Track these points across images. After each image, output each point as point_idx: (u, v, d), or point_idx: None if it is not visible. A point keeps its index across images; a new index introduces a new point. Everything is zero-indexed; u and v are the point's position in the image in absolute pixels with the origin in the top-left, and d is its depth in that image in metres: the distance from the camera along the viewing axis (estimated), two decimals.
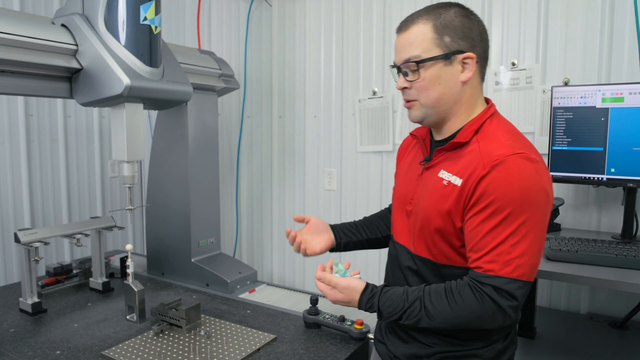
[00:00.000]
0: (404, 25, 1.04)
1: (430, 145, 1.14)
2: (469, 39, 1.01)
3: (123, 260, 2.02)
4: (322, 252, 1.31)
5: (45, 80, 1.44)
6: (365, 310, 1.07)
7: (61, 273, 1.92)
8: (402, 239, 1.14)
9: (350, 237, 1.34)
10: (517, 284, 0.91)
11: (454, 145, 1.03)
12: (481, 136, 1.01)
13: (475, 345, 1.04)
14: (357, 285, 1.08)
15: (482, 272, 0.93)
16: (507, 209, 0.91)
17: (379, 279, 1.29)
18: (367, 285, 1.08)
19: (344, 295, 1.09)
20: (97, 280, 1.83)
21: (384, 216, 1.39)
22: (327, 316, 1.50)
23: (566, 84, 1.67)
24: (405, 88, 1.05)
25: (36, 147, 2.29)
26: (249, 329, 1.49)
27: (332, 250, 1.34)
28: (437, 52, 1.00)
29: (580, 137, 1.51)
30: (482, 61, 1.04)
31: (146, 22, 1.44)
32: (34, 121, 2.28)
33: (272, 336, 1.43)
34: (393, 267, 1.17)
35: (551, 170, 1.57)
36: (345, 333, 1.44)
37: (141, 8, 1.42)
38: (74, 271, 1.92)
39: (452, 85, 1.02)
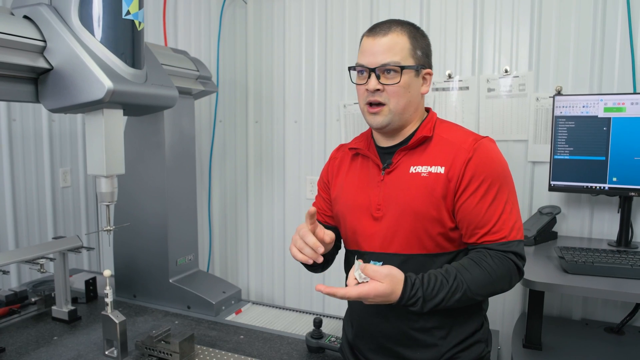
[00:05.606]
0: (382, 30, 1.09)
1: (377, 152, 1.18)
2: (429, 57, 1.14)
3: (88, 283, 1.80)
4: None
5: (6, 81, 1.22)
6: (404, 303, 0.96)
7: (15, 301, 1.67)
8: (377, 246, 1.12)
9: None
10: (522, 244, 1.06)
11: (419, 142, 1.11)
12: (440, 130, 1.13)
13: (472, 327, 1.13)
14: (398, 273, 0.96)
15: (496, 242, 1.04)
16: (496, 184, 1.04)
17: None
18: (405, 273, 0.98)
19: (385, 285, 0.93)
20: (62, 308, 1.60)
21: None
22: (332, 339, 1.40)
23: (559, 93, 1.68)
24: (377, 90, 1.08)
25: None
26: (249, 359, 1.35)
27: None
28: (411, 62, 1.08)
29: (582, 147, 1.51)
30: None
31: (129, 17, 1.26)
32: None
33: None
34: None
35: (553, 180, 1.56)
36: None
37: (123, 1, 1.24)
38: (31, 298, 1.68)
39: (416, 95, 1.12)
